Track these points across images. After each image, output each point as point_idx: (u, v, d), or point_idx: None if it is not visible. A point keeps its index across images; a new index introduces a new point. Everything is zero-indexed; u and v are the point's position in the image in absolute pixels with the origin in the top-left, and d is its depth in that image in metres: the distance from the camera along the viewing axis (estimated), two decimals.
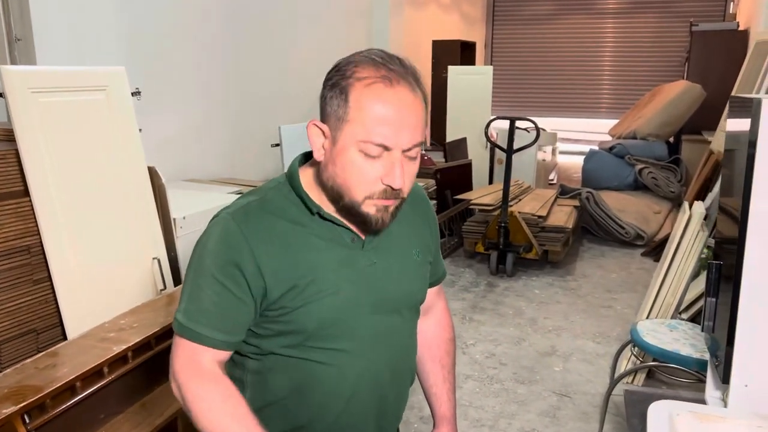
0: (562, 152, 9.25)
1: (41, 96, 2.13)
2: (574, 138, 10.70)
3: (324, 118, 1.12)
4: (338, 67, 1.11)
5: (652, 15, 10.30)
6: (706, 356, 2.57)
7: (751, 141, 1.64)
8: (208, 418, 1.05)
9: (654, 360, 2.86)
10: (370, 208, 1.10)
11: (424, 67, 8.11)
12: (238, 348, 1.14)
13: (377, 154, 1.06)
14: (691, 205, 3.32)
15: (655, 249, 5.45)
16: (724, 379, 1.77)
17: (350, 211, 1.11)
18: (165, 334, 1.97)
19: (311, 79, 6.20)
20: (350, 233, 1.15)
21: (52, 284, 2.14)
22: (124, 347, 1.81)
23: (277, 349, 1.12)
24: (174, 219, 2.88)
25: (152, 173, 2.53)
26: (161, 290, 2.45)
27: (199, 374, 1.08)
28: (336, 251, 1.12)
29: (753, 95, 1.63)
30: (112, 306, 2.18)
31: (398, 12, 7.65)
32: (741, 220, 1.68)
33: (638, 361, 3.12)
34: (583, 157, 7.62)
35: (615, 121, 8.57)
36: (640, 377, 3.20)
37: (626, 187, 6.76)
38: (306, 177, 1.17)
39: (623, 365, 3.26)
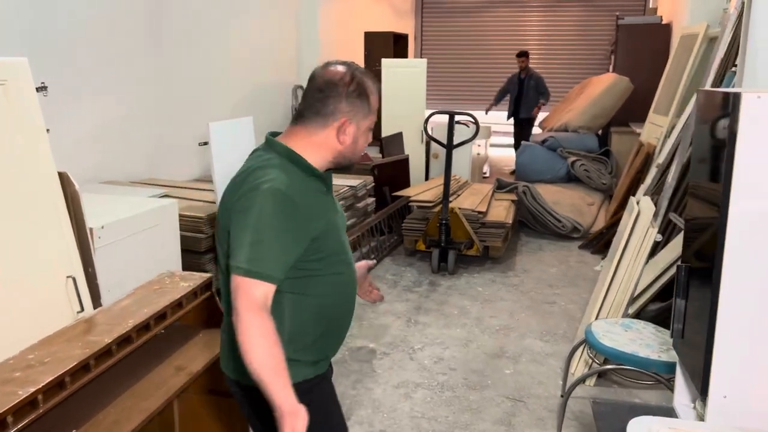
0: (492, 145, 9.29)
1: None
2: (503, 131, 10.78)
3: (350, 115, 1.52)
4: (355, 80, 1.51)
5: (577, 8, 10.49)
6: (664, 357, 2.51)
7: (730, 138, 1.54)
8: (270, 344, 1.34)
9: (609, 362, 2.79)
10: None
11: (355, 57, 7.90)
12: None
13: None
14: (637, 201, 3.29)
15: (591, 241, 5.48)
16: (703, 390, 1.68)
17: (346, 167, 1.64)
18: (83, 369, 1.70)
19: (239, 73, 5.91)
20: (326, 184, 1.57)
21: None
22: (33, 390, 1.53)
23: (311, 271, 1.49)
24: (91, 229, 2.57)
25: (63, 179, 2.22)
26: (78, 313, 2.15)
27: (264, 309, 1.37)
28: (324, 197, 1.56)
29: (731, 89, 1.54)
30: (17, 337, 1.87)
31: (328, 3, 7.40)
32: (720, 222, 1.58)
33: (593, 363, 3.05)
34: (513, 149, 7.67)
35: (544, 114, 8.65)
36: (592, 378, 3.14)
37: (559, 179, 6.81)
38: (297, 148, 1.52)
39: (575, 366, 3.20)
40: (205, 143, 3.23)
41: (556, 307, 4.17)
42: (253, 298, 1.35)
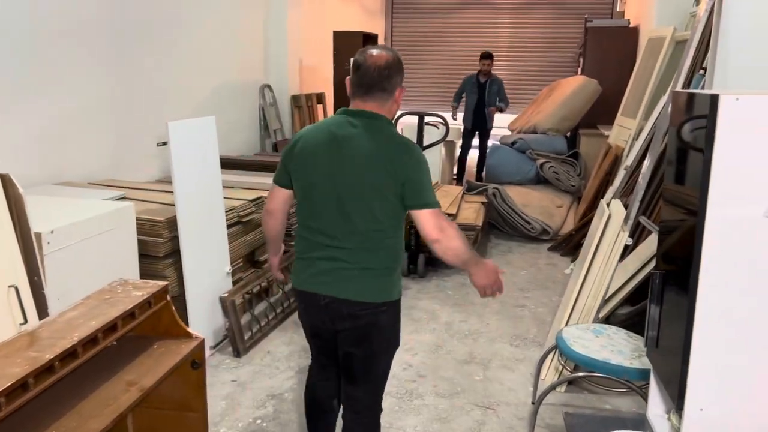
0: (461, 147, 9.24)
1: None
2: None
3: (400, 85, 2.03)
4: (399, 58, 2.03)
5: (546, 11, 10.52)
6: (636, 364, 2.47)
7: (707, 141, 1.48)
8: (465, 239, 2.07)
9: (580, 369, 2.74)
10: None
11: (324, 58, 7.79)
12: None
13: None
14: (608, 203, 3.26)
15: (561, 243, 5.47)
16: (678, 402, 1.62)
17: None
18: (21, 388, 1.56)
19: (205, 72, 5.74)
20: None
21: None
22: None
23: None
24: (39, 234, 2.42)
25: (5, 181, 2.07)
26: (21, 325, 2.01)
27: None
28: None
29: (707, 91, 1.48)
30: None
31: (296, 2, 7.27)
32: (697, 228, 1.52)
33: (563, 369, 3.00)
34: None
35: (513, 116, 8.64)
36: (563, 385, 3.09)
37: (528, 181, 6.79)
38: None
39: (545, 372, 3.14)
40: (164, 143, 3.09)
41: (526, 311, 4.12)
42: (444, 222, 1.97)
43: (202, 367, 2.29)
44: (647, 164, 3.46)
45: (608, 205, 3.23)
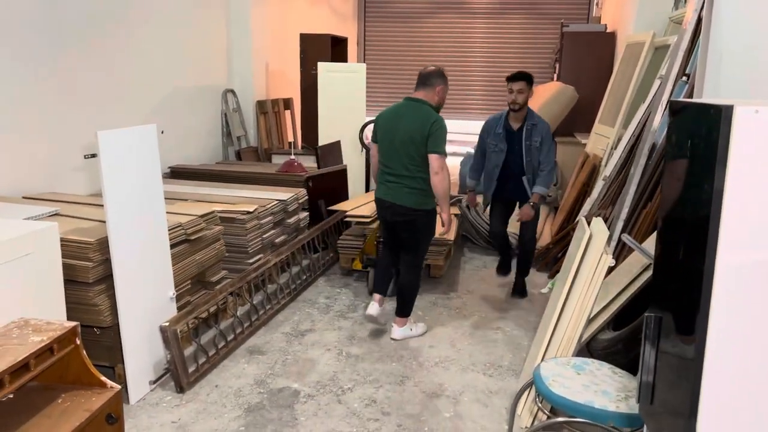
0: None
1: None
2: (450, 139, 10.53)
3: (440, 85, 3.60)
4: (440, 69, 3.66)
5: (520, 16, 10.33)
6: (623, 407, 2.17)
7: (719, 161, 1.19)
8: (449, 184, 3.59)
9: (559, 413, 2.44)
10: None
11: (291, 62, 7.45)
12: None
13: None
14: (589, 221, 2.98)
15: (537, 258, 5.19)
16: None
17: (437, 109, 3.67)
18: None
19: (161, 74, 5.37)
20: None
21: None
22: None
23: None
24: None
25: None
26: None
27: (446, 170, 3.55)
28: None
29: (720, 102, 1.20)
30: None
31: (260, 5, 6.93)
32: (705, 270, 1.23)
33: (540, 412, 2.70)
34: (455, 158, 7.35)
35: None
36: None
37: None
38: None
39: (521, 407, 2.85)
40: (93, 155, 2.73)
41: (501, 334, 3.83)
42: (444, 164, 3.45)
43: (120, 422, 1.95)
44: (634, 180, 3.19)
45: (589, 223, 2.96)
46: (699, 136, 1.28)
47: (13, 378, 1.63)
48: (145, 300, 3.03)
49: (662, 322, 1.50)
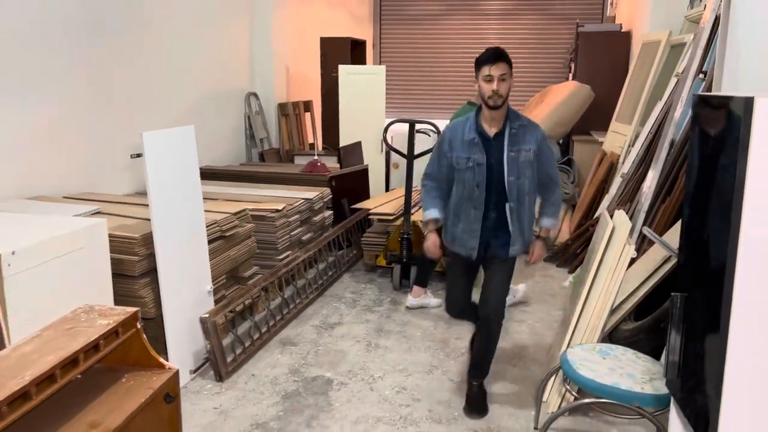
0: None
1: None
2: None
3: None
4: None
5: (534, 17, 10.40)
6: (648, 389, 2.29)
7: (741, 149, 1.31)
8: None
9: (586, 394, 2.55)
10: None
11: (311, 65, 7.61)
12: None
13: None
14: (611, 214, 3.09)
15: (557, 254, 5.30)
16: None
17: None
18: None
19: (188, 79, 5.54)
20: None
21: None
22: None
23: None
24: None
25: None
26: None
27: None
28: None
29: (741, 95, 1.31)
30: None
31: (282, 6, 7.10)
32: (730, 245, 1.35)
33: (566, 393, 2.82)
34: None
35: None
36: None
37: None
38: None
39: (547, 393, 2.96)
40: (138, 155, 2.88)
41: (524, 326, 3.94)
42: None
43: (176, 400, 2.09)
44: (653, 174, 3.29)
45: (611, 216, 3.07)
46: (721, 126, 1.40)
47: (86, 357, 1.77)
48: (186, 293, 3.17)
49: (688, 300, 1.61)
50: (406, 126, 4.67)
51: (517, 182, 2.73)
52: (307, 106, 7.77)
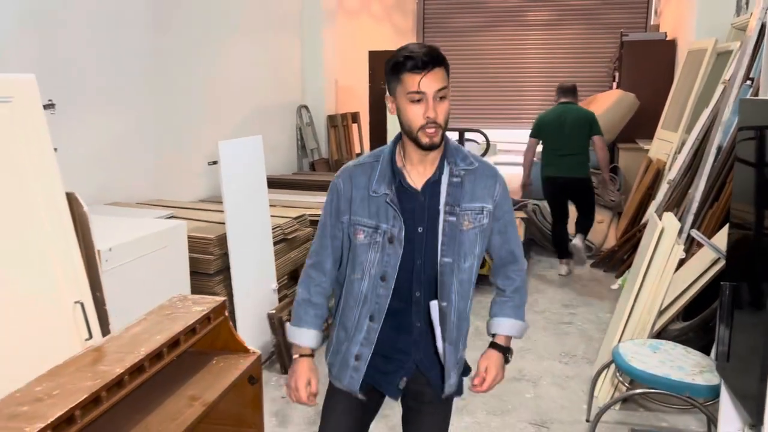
0: (497, 163, 9.22)
1: None
2: (506, 149, 10.74)
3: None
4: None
5: (577, 27, 10.47)
6: (699, 380, 2.40)
7: None
8: None
9: (638, 385, 2.67)
10: None
11: (358, 77, 7.86)
12: None
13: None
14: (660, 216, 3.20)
15: (604, 259, 5.38)
16: (757, 417, 1.57)
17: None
18: (94, 402, 1.59)
19: (244, 92, 5.85)
20: None
21: None
22: (41, 425, 1.42)
23: None
24: (98, 251, 2.47)
25: (71, 200, 2.13)
26: (86, 340, 2.05)
27: None
28: None
29: None
30: (23, 367, 1.76)
31: (331, 22, 7.38)
32: None
33: (621, 385, 2.94)
34: (516, 167, 7.55)
35: None
36: (617, 402, 3.02)
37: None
38: None
39: (598, 389, 3.08)
40: (215, 162, 3.14)
41: (573, 328, 4.06)
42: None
43: (258, 382, 2.30)
44: (704, 177, 3.39)
45: (660, 217, 3.18)
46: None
47: (186, 338, 1.99)
48: (254, 290, 3.41)
49: (737, 289, 1.74)
50: (455, 134, 4.84)
51: (458, 266, 1.65)
52: (355, 117, 8.02)
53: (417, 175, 1.68)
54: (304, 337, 1.88)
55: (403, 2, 10.37)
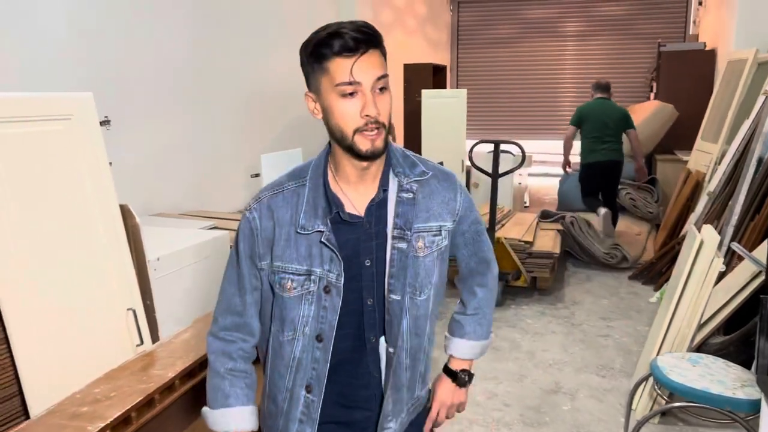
0: (530, 174, 9.19)
1: None
2: (541, 160, 10.69)
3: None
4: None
5: (613, 37, 10.41)
6: (740, 394, 2.39)
7: None
8: None
9: (677, 398, 2.66)
10: None
11: (396, 90, 7.95)
12: None
13: None
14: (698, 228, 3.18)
15: (642, 272, 5.33)
16: None
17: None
18: (147, 404, 1.67)
19: (284, 105, 5.99)
20: None
21: (9, 346, 1.82)
22: (102, 425, 1.51)
23: None
24: (148, 261, 2.58)
25: (124, 212, 2.23)
26: (137, 346, 2.14)
27: None
28: None
29: None
30: (81, 369, 1.86)
31: None
32: None
33: (661, 399, 2.92)
34: (550, 178, 7.54)
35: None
36: (656, 416, 3.00)
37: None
38: None
39: (636, 402, 3.06)
40: (257, 175, 3.24)
41: (611, 341, 4.03)
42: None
43: None
44: (743, 190, 3.36)
45: (699, 230, 3.16)
46: None
47: None
48: None
49: None
50: (485, 147, 4.87)
51: (411, 302, 1.35)
52: (389, 129, 8.10)
53: (357, 197, 1.32)
54: (237, 418, 1.36)
55: (436, 15, 10.46)
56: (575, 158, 6.33)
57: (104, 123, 2.46)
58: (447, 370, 1.60)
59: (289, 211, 1.31)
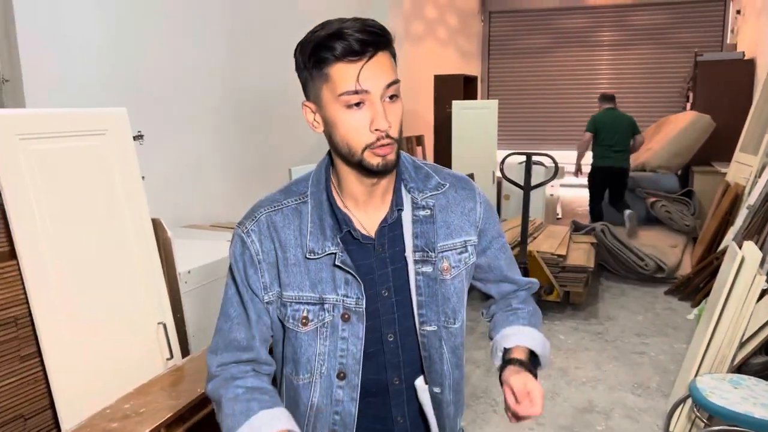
0: (562, 185, 9.06)
1: (31, 143, 1.86)
2: (573, 170, 10.54)
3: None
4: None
5: (648, 47, 10.25)
6: None
7: None
8: None
9: (717, 421, 2.56)
10: None
11: (423, 101, 7.95)
12: None
13: None
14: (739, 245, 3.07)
15: (679, 287, 5.19)
16: None
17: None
18: (178, 420, 1.67)
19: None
20: None
21: (42, 360, 1.83)
22: None
23: None
24: (179, 274, 2.59)
25: (156, 225, 2.25)
26: (168, 360, 2.14)
27: None
28: None
29: None
30: (112, 384, 1.87)
31: (398, 47, 7.48)
32: None
33: (699, 421, 2.82)
34: (584, 189, 7.40)
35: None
36: None
37: (637, 221, 6.54)
38: None
39: (674, 423, 2.97)
40: None
41: (646, 358, 3.93)
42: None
43: None
44: None
45: (740, 246, 3.06)
46: None
47: None
48: None
49: None
50: (517, 158, 4.82)
51: (447, 332, 1.22)
52: (419, 140, 8.09)
53: (366, 217, 1.15)
54: (266, 417, 1.08)
55: (468, 25, 10.43)
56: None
57: (137, 137, 2.49)
58: (517, 363, 1.24)
59: (292, 231, 1.13)
